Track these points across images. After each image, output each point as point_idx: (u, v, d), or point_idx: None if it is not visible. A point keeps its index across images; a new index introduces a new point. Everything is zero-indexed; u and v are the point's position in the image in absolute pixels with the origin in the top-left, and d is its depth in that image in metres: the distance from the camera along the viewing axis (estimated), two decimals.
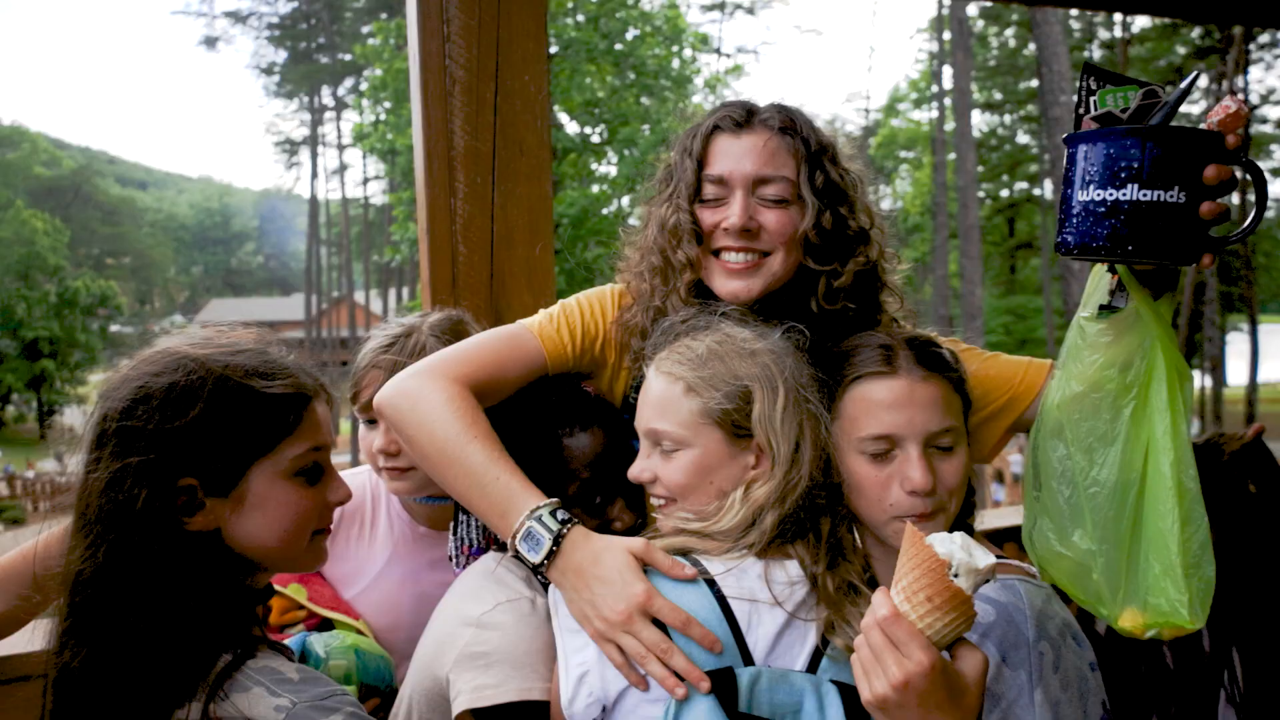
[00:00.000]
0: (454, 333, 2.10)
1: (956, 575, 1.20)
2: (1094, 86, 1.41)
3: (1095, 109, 1.40)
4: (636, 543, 1.53)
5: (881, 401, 1.57)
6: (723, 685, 1.37)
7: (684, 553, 1.53)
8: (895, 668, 1.18)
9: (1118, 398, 1.43)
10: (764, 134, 1.75)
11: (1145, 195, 1.28)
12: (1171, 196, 1.28)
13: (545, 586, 1.69)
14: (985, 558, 1.21)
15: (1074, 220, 1.34)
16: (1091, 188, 1.31)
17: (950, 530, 1.60)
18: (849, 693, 1.40)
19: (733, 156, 1.75)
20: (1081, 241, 1.33)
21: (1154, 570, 1.41)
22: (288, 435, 1.37)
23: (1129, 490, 1.43)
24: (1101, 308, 1.46)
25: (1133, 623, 1.43)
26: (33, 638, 1.35)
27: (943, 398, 1.58)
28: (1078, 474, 1.46)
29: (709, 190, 1.77)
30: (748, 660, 1.43)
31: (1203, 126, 1.31)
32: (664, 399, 1.59)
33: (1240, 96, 1.27)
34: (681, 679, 1.40)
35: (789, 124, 1.75)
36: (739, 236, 1.73)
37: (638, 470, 1.66)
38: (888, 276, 1.88)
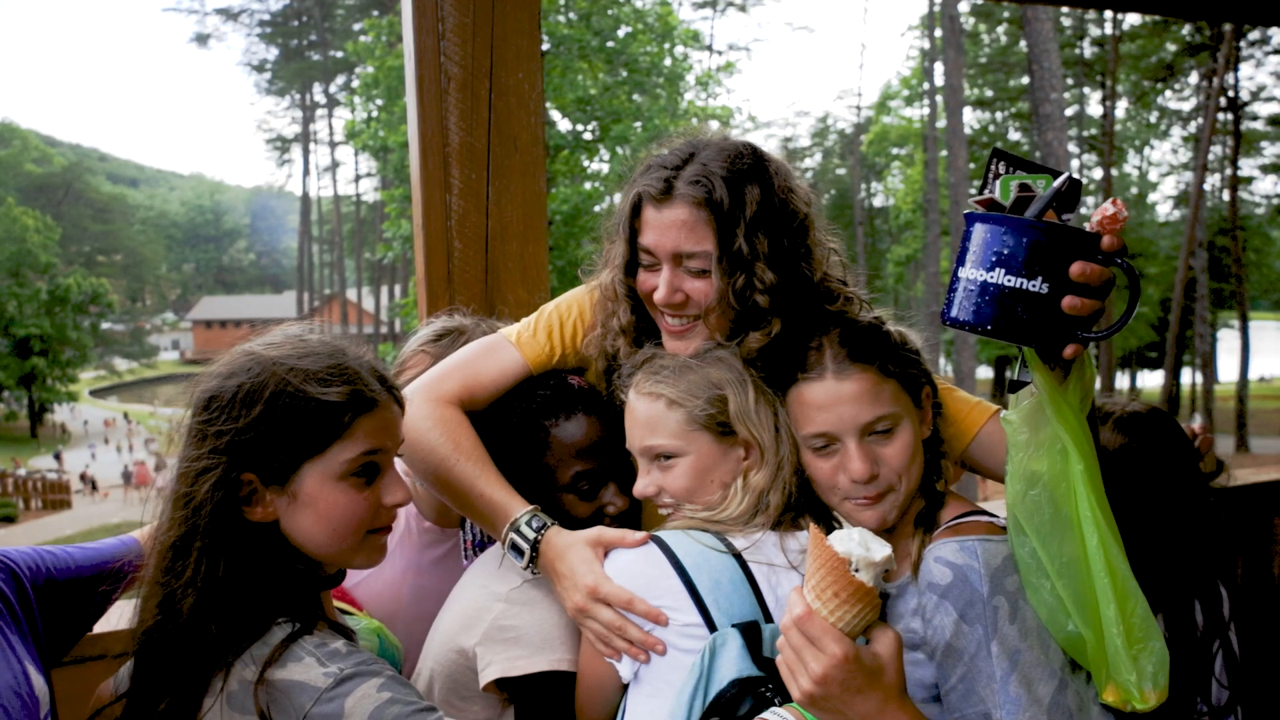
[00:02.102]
0: None
1: (857, 570, 1.28)
2: (1001, 171, 1.45)
3: (995, 194, 1.45)
4: (590, 533, 1.69)
5: (813, 403, 1.65)
6: (750, 635, 1.53)
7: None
8: (814, 663, 1.27)
9: (1053, 490, 1.50)
10: (682, 209, 1.72)
11: (1009, 281, 1.35)
12: (1034, 286, 1.35)
13: None
14: (881, 550, 1.30)
15: (952, 293, 1.42)
16: (969, 265, 1.39)
17: (923, 496, 1.71)
18: None
19: (657, 230, 1.75)
20: (952, 315, 1.41)
21: (1113, 650, 1.48)
22: (338, 439, 1.43)
23: (1087, 576, 1.49)
24: (1011, 383, 1.54)
25: (1115, 697, 1.49)
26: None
27: (870, 388, 1.62)
28: (1049, 565, 1.52)
29: (644, 258, 1.80)
30: (768, 618, 1.57)
31: (1086, 226, 1.37)
32: (651, 416, 1.71)
33: (1122, 200, 1.30)
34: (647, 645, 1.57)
35: (705, 197, 1.71)
36: (668, 307, 1.78)
37: (642, 487, 1.75)
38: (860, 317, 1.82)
